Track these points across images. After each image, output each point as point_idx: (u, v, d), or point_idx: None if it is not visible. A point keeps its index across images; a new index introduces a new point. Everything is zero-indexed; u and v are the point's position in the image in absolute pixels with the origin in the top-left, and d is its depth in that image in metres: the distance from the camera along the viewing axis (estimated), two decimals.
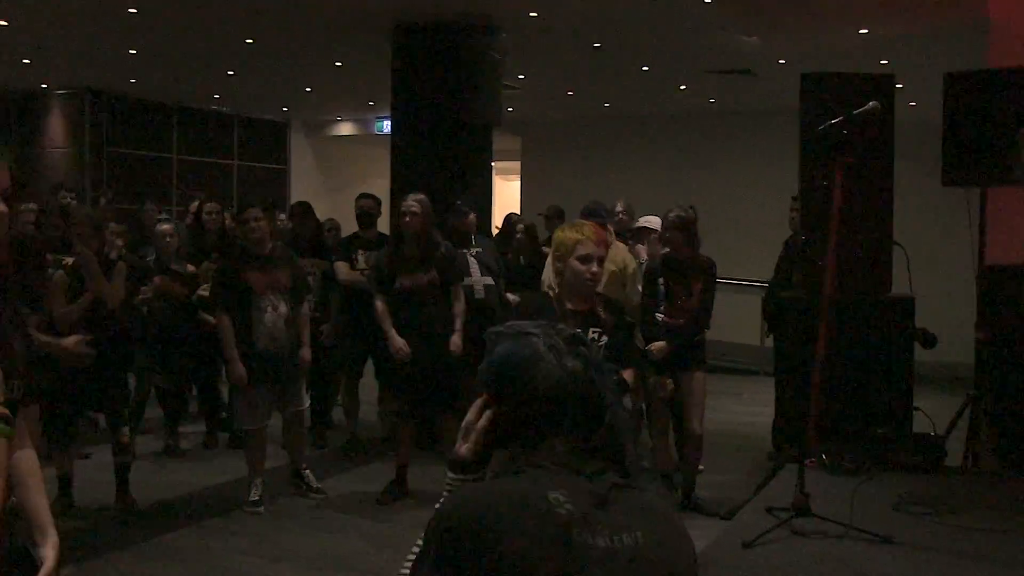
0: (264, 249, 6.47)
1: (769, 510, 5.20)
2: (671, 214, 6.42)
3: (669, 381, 6.37)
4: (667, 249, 6.58)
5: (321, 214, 8.99)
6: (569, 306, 4.27)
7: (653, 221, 7.31)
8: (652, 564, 1.85)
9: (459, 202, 7.74)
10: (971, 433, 6.55)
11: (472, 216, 7.69)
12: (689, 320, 6.35)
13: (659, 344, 6.27)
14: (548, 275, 6.43)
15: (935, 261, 7.66)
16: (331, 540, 5.87)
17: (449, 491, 1.99)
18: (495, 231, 9.72)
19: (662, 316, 6.36)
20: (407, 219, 6.54)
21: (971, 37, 7.92)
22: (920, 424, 6.80)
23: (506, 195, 19.77)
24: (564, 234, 4.31)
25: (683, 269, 6.36)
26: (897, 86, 7.17)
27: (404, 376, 6.54)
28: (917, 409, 6.84)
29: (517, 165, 18.20)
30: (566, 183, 15.64)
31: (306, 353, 6.61)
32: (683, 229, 6.34)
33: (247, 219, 6.48)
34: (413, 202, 6.57)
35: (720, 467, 7.44)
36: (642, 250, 7.27)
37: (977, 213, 6.65)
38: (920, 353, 7.03)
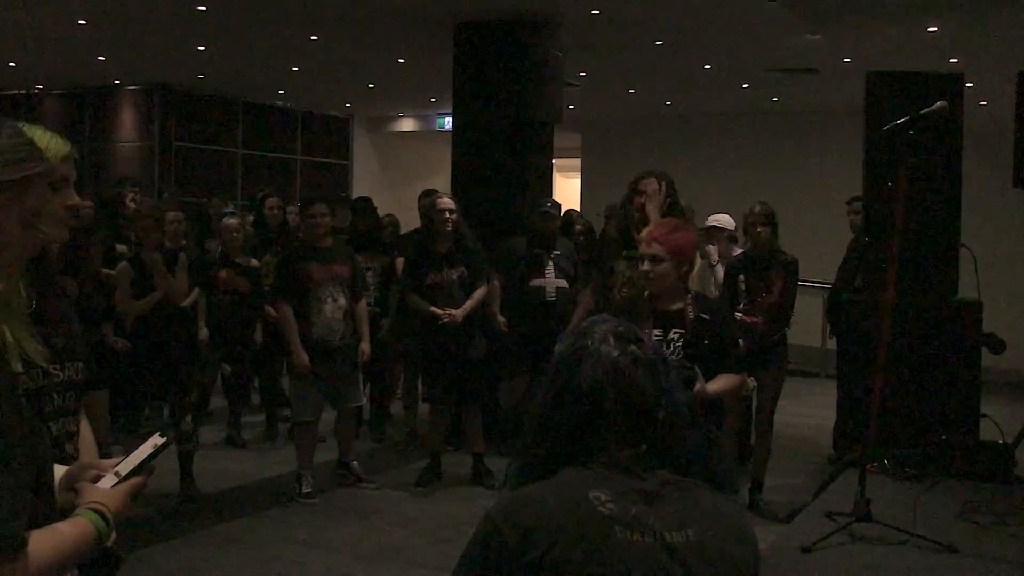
0: (325, 243, 6.54)
1: (829, 515, 5.10)
2: (756, 208, 6.35)
3: (750, 380, 6.26)
4: (747, 245, 6.47)
5: (383, 209, 9.01)
6: (658, 306, 4.10)
7: (723, 220, 7.19)
8: (704, 561, 1.82)
9: (549, 204, 7.68)
10: None
11: (556, 217, 7.66)
12: (768, 318, 6.23)
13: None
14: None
15: (1005, 264, 7.46)
16: (382, 532, 5.87)
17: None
18: None
19: (740, 314, 6.23)
20: (451, 218, 6.68)
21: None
22: (988, 432, 6.64)
23: (566, 192, 19.71)
24: None
25: (764, 265, 6.26)
26: (967, 85, 7.02)
27: (437, 368, 6.82)
28: (984, 416, 6.68)
29: (577, 163, 18.10)
30: (627, 182, 15.54)
31: (365, 347, 6.66)
32: (771, 223, 6.26)
33: (313, 214, 6.57)
34: (452, 202, 6.76)
35: (780, 470, 7.31)
36: (713, 250, 7.13)
37: None
38: (988, 358, 6.87)
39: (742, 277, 6.32)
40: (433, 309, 6.61)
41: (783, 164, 14.87)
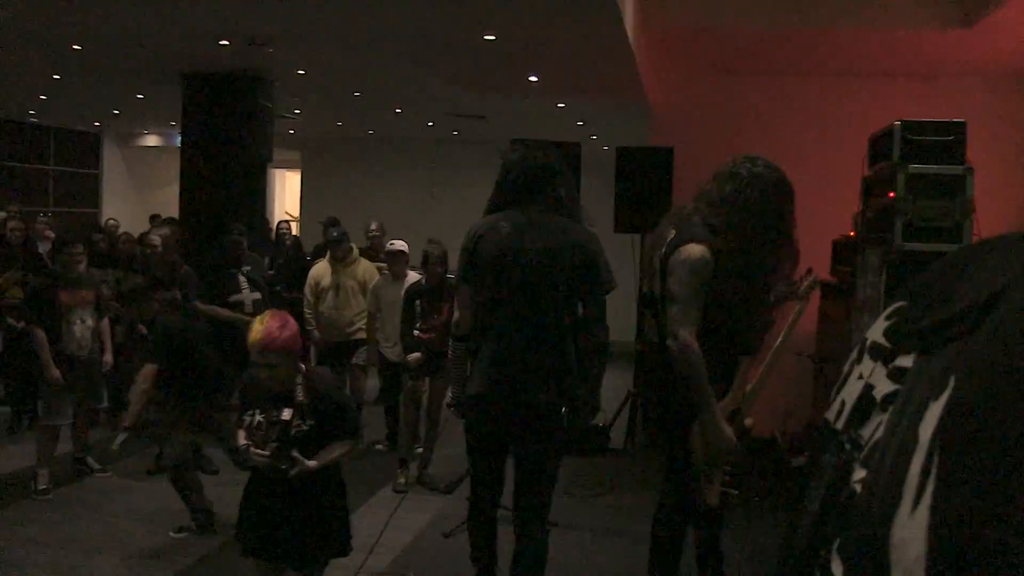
0: (75, 272, 6.13)
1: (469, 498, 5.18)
2: (434, 252, 6.16)
3: (422, 384, 6.26)
4: (423, 276, 6.36)
5: (130, 213, 8.60)
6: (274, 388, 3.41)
7: (400, 244, 6.99)
8: (540, 254, 3.44)
9: (235, 229, 7.35)
10: (631, 421, 6.85)
11: (244, 240, 7.33)
12: (439, 335, 6.19)
13: (415, 355, 6.10)
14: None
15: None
16: (108, 523, 5.42)
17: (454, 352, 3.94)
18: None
19: (418, 332, 6.19)
20: (151, 250, 6.63)
21: (641, 115, 8.22)
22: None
23: (290, 185, 19.07)
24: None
25: (437, 294, 6.16)
26: (592, 137, 7.27)
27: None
28: None
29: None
30: (340, 192, 15.28)
31: (108, 358, 6.42)
32: (444, 263, 6.16)
33: (70, 252, 6.23)
34: (155, 237, 6.65)
35: (450, 445, 7.26)
36: (414, 274, 6.92)
37: (639, 252, 6.92)
38: None
39: (418, 302, 6.27)
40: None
41: (461, 184, 15.05)
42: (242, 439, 3.41)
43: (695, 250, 3.24)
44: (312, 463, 3.30)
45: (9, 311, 7.32)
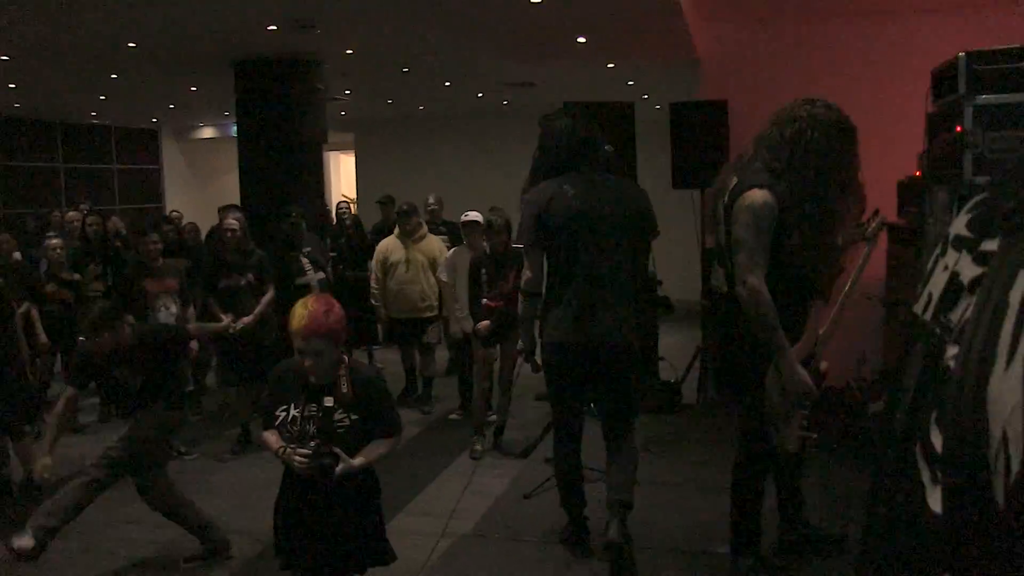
0: (157, 262, 6.46)
1: (547, 460, 5.26)
2: (497, 220, 6.13)
3: (493, 352, 6.32)
4: (487, 245, 6.38)
5: (189, 203, 8.88)
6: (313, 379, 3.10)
7: (475, 215, 6.86)
8: (607, 214, 3.91)
9: (293, 212, 7.42)
10: (701, 376, 6.82)
11: (303, 223, 7.42)
12: (505, 302, 6.21)
13: (484, 323, 6.13)
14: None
15: (673, 245, 7.82)
16: (199, 502, 5.59)
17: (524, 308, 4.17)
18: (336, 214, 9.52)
19: (485, 300, 6.20)
20: (233, 236, 6.51)
21: (691, 71, 8.10)
22: (667, 371, 6.99)
23: (344, 167, 19.26)
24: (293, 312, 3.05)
25: (502, 262, 6.17)
26: (644, 97, 7.20)
27: (234, 356, 6.59)
28: (662, 359, 7.04)
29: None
30: (394, 170, 15.40)
31: (194, 344, 6.45)
32: (508, 229, 6.15)
33: (147, 241, 6.52)
34: (234, 220, 6.53)
35: (522, 412, 7.34)
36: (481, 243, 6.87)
37: (699, 208, 6.87)
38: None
39: (484, 271, 6.30)
40: (218, 327, 6.02)
41: (513, 155, 15.00)
42: (274, 439, 3.11)
43: (757, 195, 3.23)
44: (357, 461, 3.01)
45: (92, 303, 7.57)
